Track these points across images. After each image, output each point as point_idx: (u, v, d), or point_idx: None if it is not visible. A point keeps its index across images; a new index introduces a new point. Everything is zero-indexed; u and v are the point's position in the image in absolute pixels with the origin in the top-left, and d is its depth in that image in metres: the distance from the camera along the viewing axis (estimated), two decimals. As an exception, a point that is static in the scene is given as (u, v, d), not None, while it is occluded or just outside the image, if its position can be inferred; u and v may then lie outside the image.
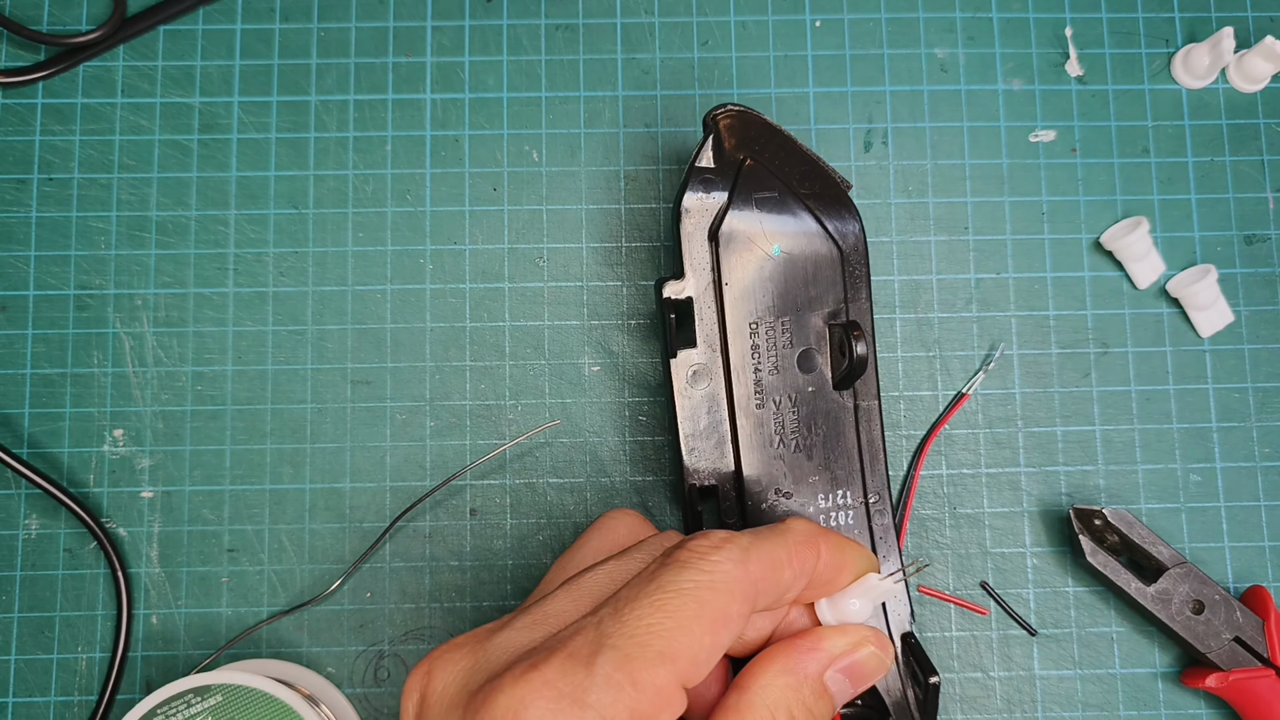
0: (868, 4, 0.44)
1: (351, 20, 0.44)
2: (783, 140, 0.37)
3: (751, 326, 0.36)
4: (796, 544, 0.29)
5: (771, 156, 0.37)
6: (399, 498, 0.41)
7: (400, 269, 0.42)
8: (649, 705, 0.25)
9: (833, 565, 0.30)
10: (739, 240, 0.36)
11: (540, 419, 0.42)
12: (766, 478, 0.36)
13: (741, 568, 0.27)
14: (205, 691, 0.36)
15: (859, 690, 0.30)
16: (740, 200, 0.36)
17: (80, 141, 0.43)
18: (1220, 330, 0.42)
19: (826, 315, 0.36)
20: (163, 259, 0.42)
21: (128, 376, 0.42)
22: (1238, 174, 0.43)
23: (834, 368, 0.36)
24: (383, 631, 0.40)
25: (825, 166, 0.37)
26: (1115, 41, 0.44)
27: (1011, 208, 0.43)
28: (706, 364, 0.37)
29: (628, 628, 0.25)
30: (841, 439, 0.36)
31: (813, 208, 0.37)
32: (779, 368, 0.36)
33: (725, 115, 0.37)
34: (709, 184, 0.36)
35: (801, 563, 0.29)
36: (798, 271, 0.36)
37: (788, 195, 0.36)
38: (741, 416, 0.36)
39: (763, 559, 0.27)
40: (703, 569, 0.26)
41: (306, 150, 0.43)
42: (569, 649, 0.25)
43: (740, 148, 0.37)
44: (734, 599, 0.26)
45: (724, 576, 0.26)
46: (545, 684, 0.24)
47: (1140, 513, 0.41)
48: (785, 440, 0.36)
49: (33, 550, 0.41)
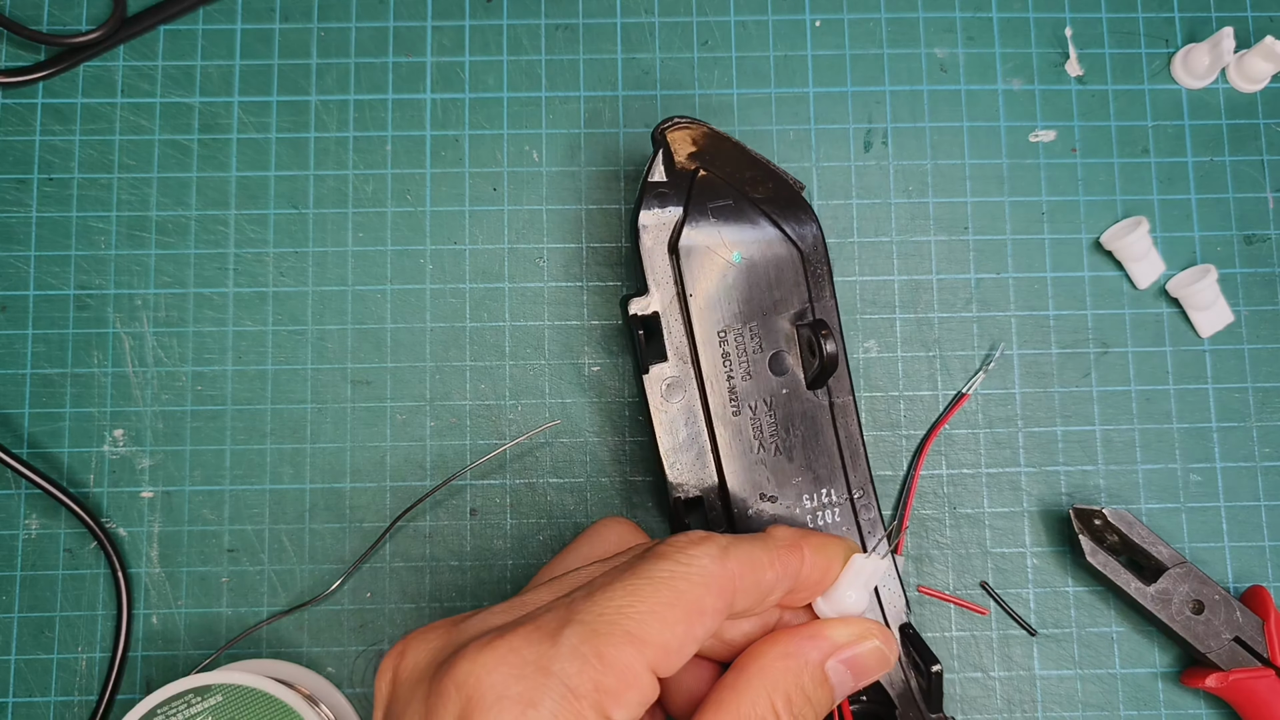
0: (868, 4, 0.44)
1: (352, 20, 0.44)
2: (732, 148, 0.37)
3: (720, 335, 0.36)
4: (779, 547, 0.29)
5: (723, 165, 0.37)
6: (399, 498, 0.41)
7: (400, 269, 0.42)
8: (615, 681, 0.24)
9: (819, 566, 0.30)
10: (699, 251, 0.36)
11: (540, 419, 0.42)
12: (750, 484, 0.36)
13: (719, 563, 0.27)
14: (205, 691, 0.36)
15: (859, 685, 0.30)
16: (696, 211, 0.36)
17: (80, 141, 0.43)
18: (1220, 330, 0.42)
19: (793, 317, 0.37)
20: (163, 259, 0.42)
21: (128, 376, 0.42)
22: (1237, 174, 0.43)
23: (805, 368, 0.36)
24: (383, 631, 0.40)
25: (776, 170, 0.37)
26: (1115, 41, 0.44)
27: (1011, 208, 0.43)
28: (680, 376, 0.37)
29: (598, 606, 0.25)
30: (820, 438, 0.37)
31: (768, 212, 0.37)
32: (751, 373, 0.36)
33: (674, 128, 0.37)
34: (664, 198, 0.37)
35: (784, 565, 0.29)
36: (760, 276, 0.37)
37: (743, 202, 0.37)
38: (719, 425, 0.36)
39: (742, 557, 0.28)
40: (680, 561, 0.27)
41: (306, 150, 0.43)
42: (537, 622, 0.25)
43: (691, 159, 0.37)
44: (709, 592, 0.26)
45: (700, 570, 0.27)
46: (510, 650, 0.25)
47: (1140, 513, 0.41)
48: (765, 445, 0.36)
49: (33, 550, 0.41)
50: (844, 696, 0.29)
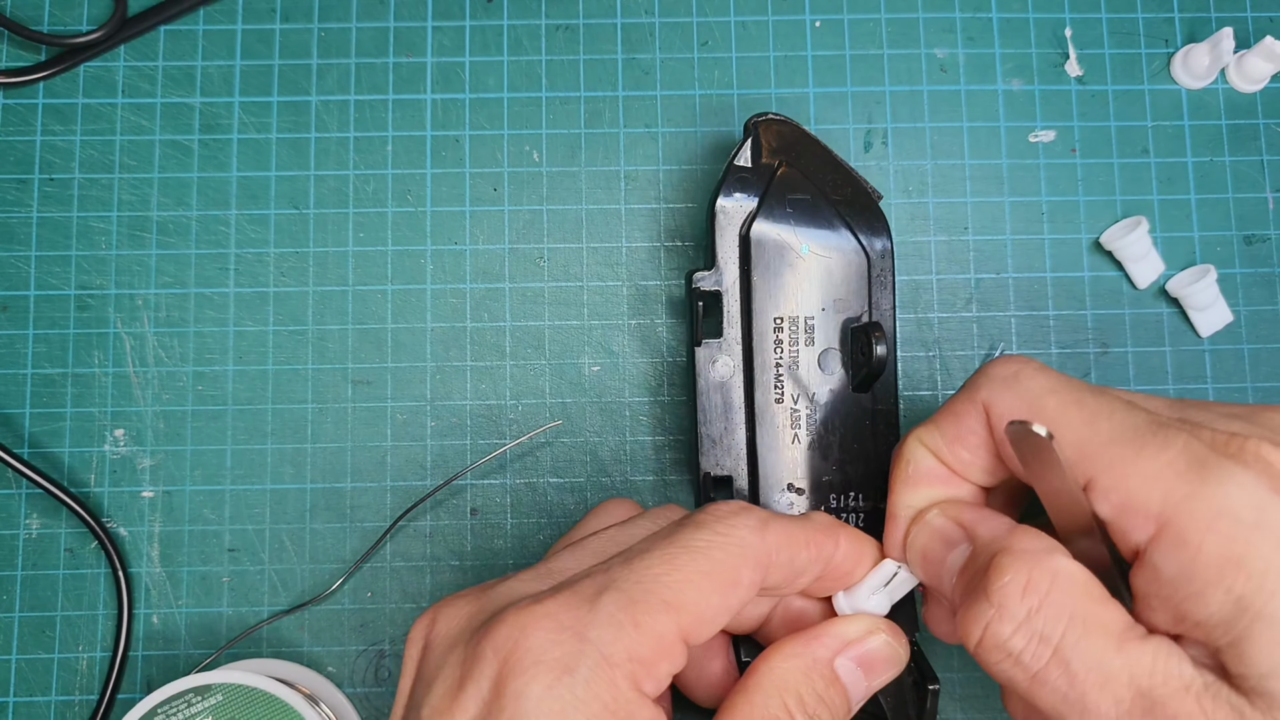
0: (868, 4, 0.44)
1: (352, 20, 0.44)
2: (819, 150, 0.38)
3: (776, 323, 0.37)
4: (816, 529, 0.29)
5: (806, 163, 0.38)
6: (400, 497, 0.41)
7: (401, 269, 0.42)
8: (649, 650, 0.25)
9: (851, 557, 0.30)
10: (769, 239, 0.37)
11: (541, 419, 0.42)
12: (780, 472, 0.37)
13: (758, 535, 0.27)
14: (206, 691, 0.36)
15: (873, 683, 0.29)
16: (773, 201, 0.37)
17: (81, 142, 0.43)
18: (1219, 330, 0.42)
19: (849, 319, 0.37)
20: (164, 259, 0.42)
21: (129, 376, 0.42)
22: (1237, 174, 0.43)
23: (854, 370, 0.37)
24: (383, 631, 0.41)
25: (857, 176, 0.38)
26: (1115, 42, 0.44)
27: (1011, 208, 0.43)
28: (729, 356, 0.38)
29: (635, 573, 0.25)
30: (858, 441, 0.37)
31: (843, 214, 0.38)
32: (800, 365, 0.37)
33: (766, 122, 0.38)
34: (745, 184, 0.38)
35: (819, 547, 0.29)
36: (824, 275, 0.37)
37: (820, 200, 0.38)
38: (760, 410, 0.37)
39: (780, 533, 0.28)
40: (719, 530, 0.27)
41: (307, 150, 0.43)
42: (575, 588, 0.25)
43: (777, 153, 0.38)
44: (746, 563, 0.27)
45: (739, 540, 0.27)
46: (547, 615, 0.25)
47: (1140, 512, 0.41)
48: (800, 437, 0.37)
49: (34, 550, 0.41)
50: (860, 698, 0.29)
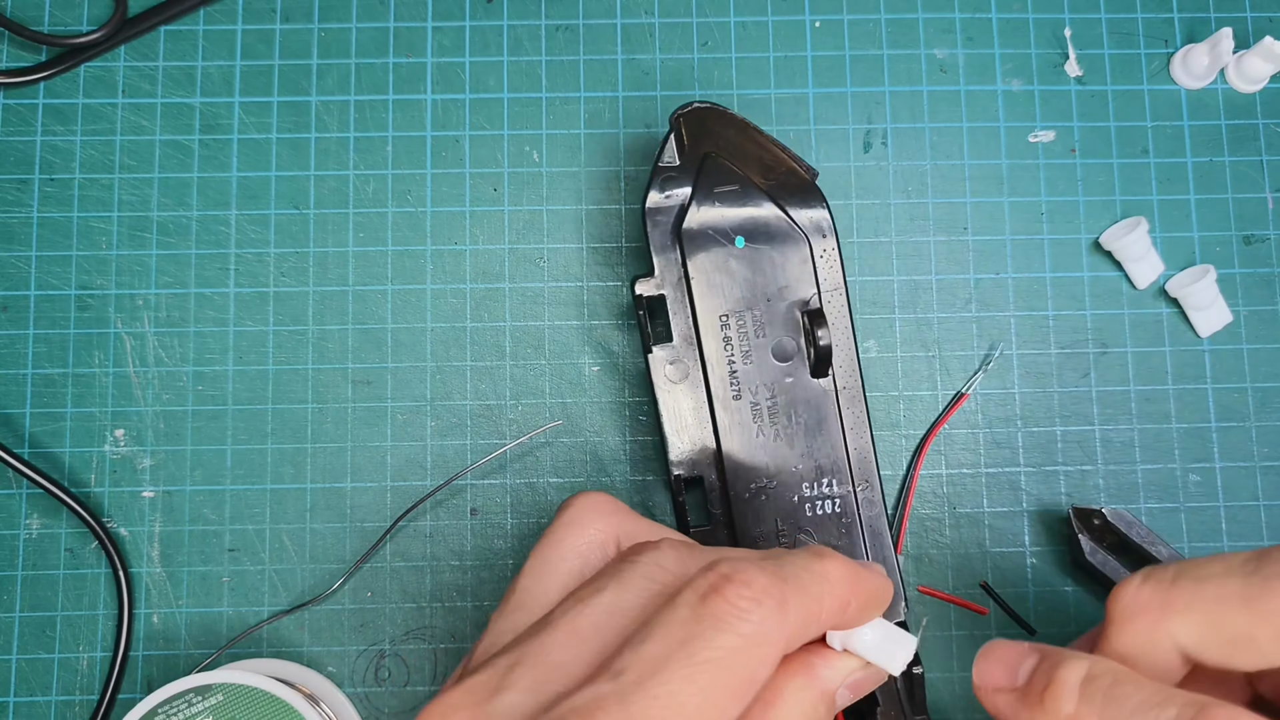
0: (867, 4, 0.44)
1: (352, 21, 0.44)
2: (749, 133, 0.37)
3: (722, 319, 0.37)
4: (833, 596, 0.26)
5: (735, 150, 0.37)
6: (400, 498, 0.41)
7: (401, 269, 0.42)
8: None
9: (860, 616, 0.28)
10: (703, 235, 0.37)
11: (541, 419, 0.42)
12: (748, 467, 0.37)
13: (781, 627, 0.25)
14: (206, 691, 0.36)
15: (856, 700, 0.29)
16: (702, 195, 0.37)
17: (81, 142, 0.43)
18: (1219, 330, 0.42)
19: (800, 304, 0.37)
20: (164, 259, 0.42)
21: (129, 376, 0.42)
22: (1237, 174, 0.43)
23: (810, 356, 0.37)
24: (383, 631, 0.41)
25: (791, 156, 0.37)
26: (1114, 42, 0.44)
27: (1011, 208, 0.43)
28: (683, 358, 0.37)
29: (659, 703, 0.23)
30: (823, 427, 0.37)
31: (776, 198, 0.37)
32: (753, 358, 0.37)
33: (690, 113, 0.37)
34: (672, 181, 0.37)
35: (832, 616, 0.27)
36: (765, 263, 0.37)
37: (750, 187, 0.37)
38: (719, 408, 0.37)
39: (801, 613, 0.25)
40: (740, 631, 0.24)
41: (307, 150, 0.43)
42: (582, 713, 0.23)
43: (704, 143, 0.37)
44: (765, 664, 0.25)
45: (762, 638, 0.24)
46: None
47: (1139, 512, 0.41)
48: (764, 430, 0.37)
49: (34, 550, 0.41)
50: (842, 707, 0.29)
